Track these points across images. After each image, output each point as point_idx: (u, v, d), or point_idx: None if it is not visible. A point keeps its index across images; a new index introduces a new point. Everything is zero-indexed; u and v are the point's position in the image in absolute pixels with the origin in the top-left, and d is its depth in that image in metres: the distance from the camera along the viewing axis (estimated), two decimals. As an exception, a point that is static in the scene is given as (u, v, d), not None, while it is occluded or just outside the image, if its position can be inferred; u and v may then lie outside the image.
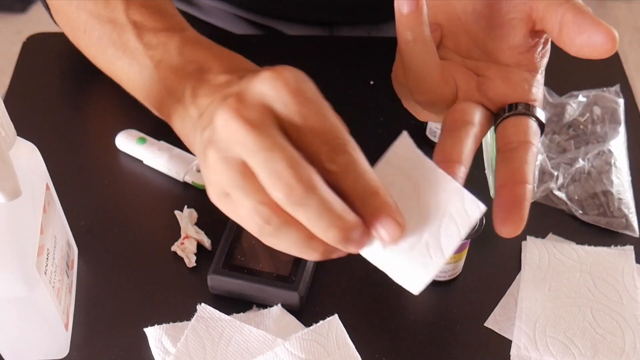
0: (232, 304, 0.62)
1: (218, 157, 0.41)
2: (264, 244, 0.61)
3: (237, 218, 0.42)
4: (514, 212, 0.44)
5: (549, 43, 0.50)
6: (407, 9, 0.46)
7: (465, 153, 0.48)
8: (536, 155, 0.48)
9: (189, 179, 0.69)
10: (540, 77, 0.50)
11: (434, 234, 0.44)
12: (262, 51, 0.83)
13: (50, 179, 0.59)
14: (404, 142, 0.48)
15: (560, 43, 0.48)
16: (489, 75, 0.50)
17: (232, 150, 0.40)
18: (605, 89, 0.78)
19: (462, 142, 0.48)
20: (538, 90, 0.50)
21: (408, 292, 0.64)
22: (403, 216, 0.43)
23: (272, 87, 0.41)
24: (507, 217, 0.44)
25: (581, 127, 0.75)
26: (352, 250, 0.44)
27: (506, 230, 0.44)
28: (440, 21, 0.51)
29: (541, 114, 0.49)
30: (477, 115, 0.50)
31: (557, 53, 0.90)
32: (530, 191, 0.46)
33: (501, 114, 0.50)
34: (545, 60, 0.51)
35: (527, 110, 0.49)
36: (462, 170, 0.47)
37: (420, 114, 0.54)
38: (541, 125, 0.49)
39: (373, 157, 0.74)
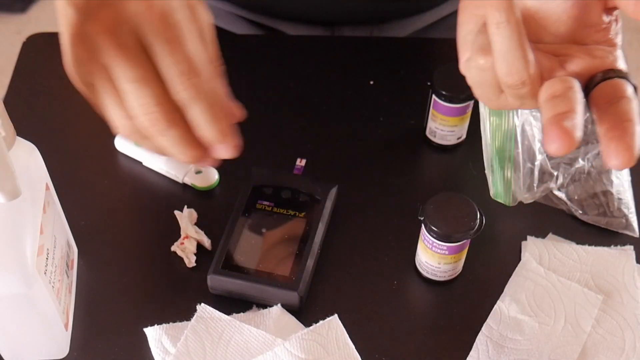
0: (232, 304, 0.62)
1: (86, 56, 0.46)
2: (264, 244, 0.62)
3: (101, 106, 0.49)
4: (625, 142, 0.44)
5: (620, 20, 0.50)
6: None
7: (578, 108, 0.46)
8: (638, 111, 0.47)
9: (188, 181, 0.69)
10: (620, 52, 0.50)
11: None
12: (262, 51, 0.83)
13: (50, 179, 0.59)
14: None
15: (637, 14, 0.48)
16: (571, 54, 0.50)
17: (102, 58, 0.46)
18: (605, 89, 0.78)
19: (572, 101, 0.46)
20: (622, 62, 0.50)
21: (408, 292, 0.65)
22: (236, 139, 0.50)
23: (142, 10, 0.46)
24: (619, 147, 0.44)
25: (581, 127, 0.74)
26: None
27: (617, 161, 0.44)
28: (527, 4, 0.51)
29: (634, 82, 0.49)
30: (577, 84, 0.48)
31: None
32: (639, 130, 0.45)
33: (593, 81, 0.49)
34: (621, 37, 0.51)
35: (620, 74, 0.49)
36: (580, 120, 0.46)
37: (497, 100, 0.51)
38: (637, 93, 0.48)
39: (373, 157, 0.74)
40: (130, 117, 0.48)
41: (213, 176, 0.69)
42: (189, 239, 0.65)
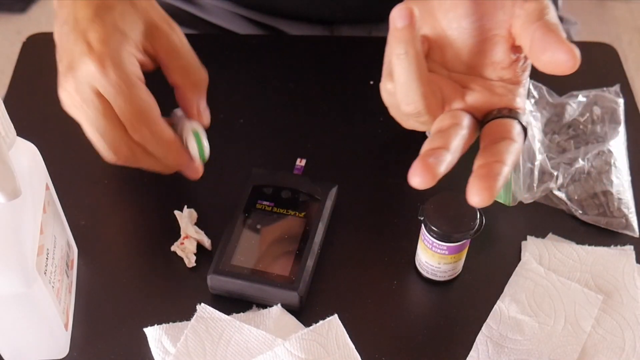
0: (232, 304, 0.62)
1: (68, 102, 0.61)
2: (264, 244, 0.62)
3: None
4: (488, 182, 0.46)
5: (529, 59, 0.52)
6: (401, 23, 0.47)
7: (452, 145, 0.49)
8: (518, 152, 0.50)
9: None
10: (523, 90, 0.53)
11: None
12: (262, 51, 0.83)
13: (50, 179, 0.59)
14: None
15: (530, 59, 0.51)
16: (475, 87, 0.52)
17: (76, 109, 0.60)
18: (605, 89, 0.78)
19: (450, 137, 0.49)
20: (522, 100, 0.52)
21: (408, 292, 0.65)
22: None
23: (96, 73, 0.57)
24: (480, 186, 0.46)
25: (581, 127, 0.74)
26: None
27: (477, 199, 0.46)
28: (427, 34, 0.53)
29: (524, 121, 0.51)
30: (466, 120, 0.51)
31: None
32: (507, 173, 0.47)
33: (488, 117, 0.52)
34: (527, 74, 0.53)
35: (512, 114, 0.51)
36: (448, 158, 0.48)
37: (406, 122, 0.56)
38: (525, 132, 0.51)
39: (373, 157, 0.74)
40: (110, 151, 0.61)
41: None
42: (189, 239, 0.65)
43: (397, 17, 0.47)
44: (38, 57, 0.83)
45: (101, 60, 0.57)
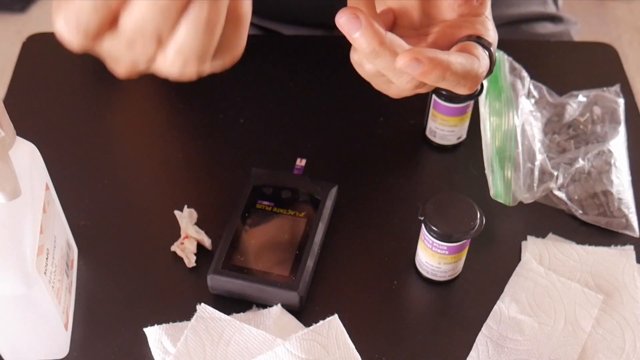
0: (232, 304, 0.62)
1: None
2: (264, 244, 0.62)
3: None
4: (420, 53, 0.46)
5: None
6: (356, 32, 0.47)
7: (397, 40, 0.49)
8: (476, 66, 0.50)
9: None
10: (485, 19, 0.54)
11: None
12: (262, 51, 0.83)
13: (50, 179, 0.59)
14: None
15: None
16: (437, 30, 0.54)
17: None
18: (605, 89, 0.78)
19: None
20: (485, 29, 0.53)
21: (408, 292, 0.65)
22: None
23: None
24: (414, 51, 0.46)
25: (581, 127, 0.75)
26: None
27: (402, 60, 0.46)
28: (390, 5, 0.55)
29: (491, 47, 0.52)
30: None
31: (558, 53, 0.90)
32: (445, 58, 0.47)
33: (456, 44, 0.52)
34: (487, 5, 0.54)
35: (475, 39, 0.52)
36: (384, 32, 0.48)
37: (387, 88, 0.57)
38: (491, 59, 0.52)
39: (373, 157, 0.74)
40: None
41: None
42: (189, 239, 0.65)
43: (348, 28, 0.48)
44: (38, 57, 0.83)
45: None
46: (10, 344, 0.58)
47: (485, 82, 0.72)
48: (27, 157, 0.54)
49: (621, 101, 0.76)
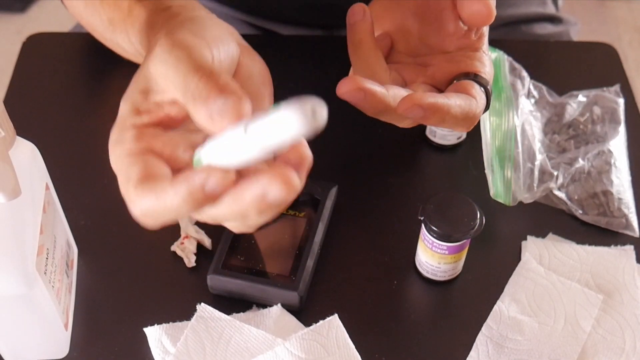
0: (232, 304, 0.62)
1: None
2: (264, 244, 0.62)
3: None
4: (420, 99, 0.47)
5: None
6: (353, 19, 0.51)
7: (393, 89, 0.50)
8: (474, 107, 0.50)
9: None
10: (482, 55, 0.54)
11: None
12: (260, 51, 0.83)
13: (50, 179, 0.59)
14: None
15: (461, 18, 0.53)
16: (435, 62, 0.54)
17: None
18: (605, 89, 0.78)
19: (395, 88, 0.50)
20: (482, 64, 0.53)
21: (408, 292, 0.65)
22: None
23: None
24: (413, 97, 0.47)
25: (581, 127, 0.75)
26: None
27: (403, 105, 0.47)
28: (388, 29, 0.56)
29: (487, 85, 0.52)
30: (422, 88, 0.53)
31: (558, 53, 0.90)
32: (444, 103, 0.48)
33: (450, 83, 0.53)
34: (484, 40, 0.55)
35: (471, 77, 0.52)
36: (382, 90, 0.49)
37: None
38: (488, 96, 0.52)
39: (373, 157, 0.74)
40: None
41: None
42: (189, 238, 0.65)
43: (352, 15, 0.51)
44: (38, 57, 0.83)
45: None
46: (10, 344, 0.58)
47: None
48: (27, 157, 0.54)
49: (621, 101, 0.76)
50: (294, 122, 0.42)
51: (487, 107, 0.53)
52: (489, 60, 0.54)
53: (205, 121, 0.43)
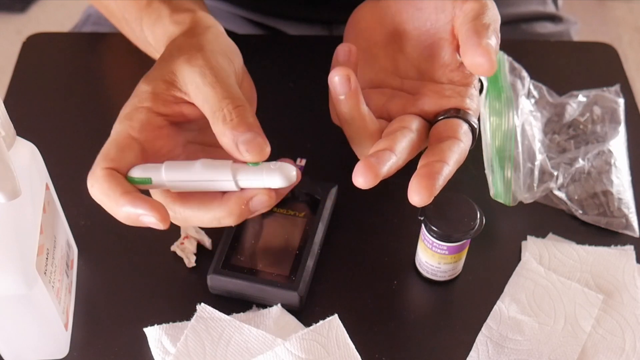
0: (232, 304, 0.62)
1: None
2: (264, 244, 0.62)
3: None
4: (428, 181, 0.47)
5: None
6: (343, 95, 0.50)
7: (398, 147, 0.50)
8: (463, 151, 0.50)
9: None
10: (473, 91, 0.53)
11: None
12: (262, 51, 0.83)
13: (50, 179, 0.59)
14: None
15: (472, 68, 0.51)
16: (425, 92, 0.54)
17: None
18: (605, 89, 0.78)
19: (397, 140, 0.50)
20: (472, 101, 0.53)
21: (408, 292, 0.65)
22: None
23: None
24: (420, 184, 0.47)
25: (581, 127, 0.75)
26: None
27: (417, 198, 0.47)
28: (378, 42, 0.55)
29: (475, 121, 0.52)
30: (415, 123, 0.52)
31: (558, 53, 0.90)
32: (448, 172, 0.48)
33: (436, 118, 0.53)
34: (475, 76, 0.54)
35: (460, 114, 0.52)
36: (392, 159, 0.49)
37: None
38: (474, 132, 0.52)
39: (373, 157, 0.74)
40: None
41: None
42: (189, 238, 0.65)
43: (338, 90, 0.50)
44: (38, 57, 0.83)
45: None
46: (11, 344, 0.58)
47: (485, 82, 0.72)
48: (27, 157, 0.54)
49: (621, 101, 0.76)
50: (277, 181, 0.50)
51: (473, 141, 0.53)
52: (477, 97, 0.54)
53: (228, 144, 0.49)
